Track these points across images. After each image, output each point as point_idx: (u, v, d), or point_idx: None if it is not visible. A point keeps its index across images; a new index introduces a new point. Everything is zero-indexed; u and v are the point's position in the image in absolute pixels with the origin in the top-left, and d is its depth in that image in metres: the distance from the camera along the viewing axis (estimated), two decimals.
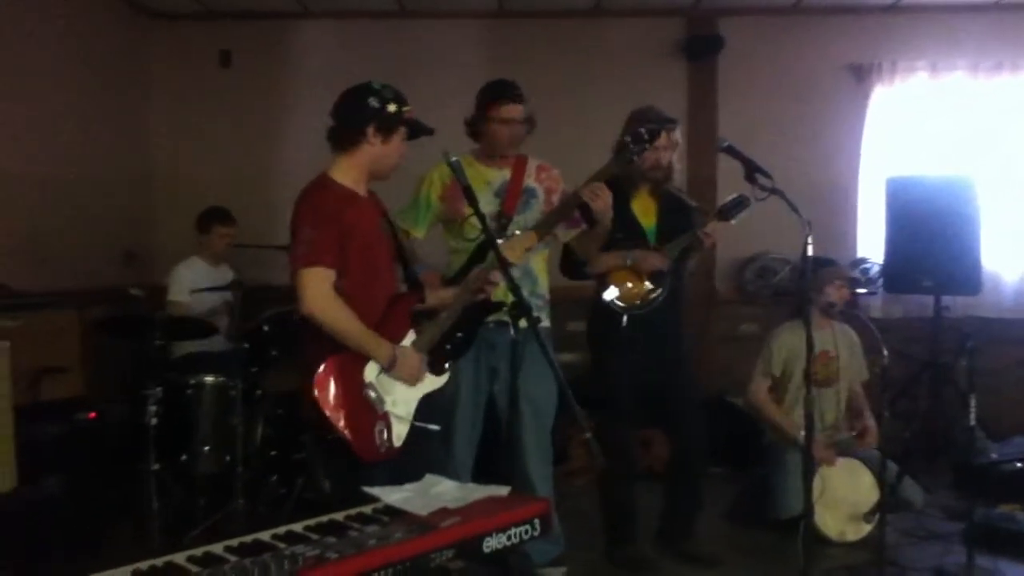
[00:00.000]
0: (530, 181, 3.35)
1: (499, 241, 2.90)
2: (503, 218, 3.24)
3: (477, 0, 5.63)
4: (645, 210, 3.70)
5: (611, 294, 3.59)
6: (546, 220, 3.19)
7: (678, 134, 3.66)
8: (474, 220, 3.13)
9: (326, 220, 2.56)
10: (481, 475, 3.16)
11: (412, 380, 2.68)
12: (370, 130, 2.63)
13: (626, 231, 3.59)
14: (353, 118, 2.64)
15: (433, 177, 3.29)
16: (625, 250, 3.57)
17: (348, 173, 2.67)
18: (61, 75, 4.85)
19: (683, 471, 3.79)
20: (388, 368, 2.62)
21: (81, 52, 5.05)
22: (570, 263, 3.66)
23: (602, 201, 3.09)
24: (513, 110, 3.26)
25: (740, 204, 3.50)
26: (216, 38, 5.88)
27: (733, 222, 3.57)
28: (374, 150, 2.65)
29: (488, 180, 3.26)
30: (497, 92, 3.27)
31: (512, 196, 3.27)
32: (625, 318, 3.57)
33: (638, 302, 3.58)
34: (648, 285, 3.58)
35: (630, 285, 3.59)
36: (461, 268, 3.12)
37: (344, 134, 2.66)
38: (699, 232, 3.55)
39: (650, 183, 3.67)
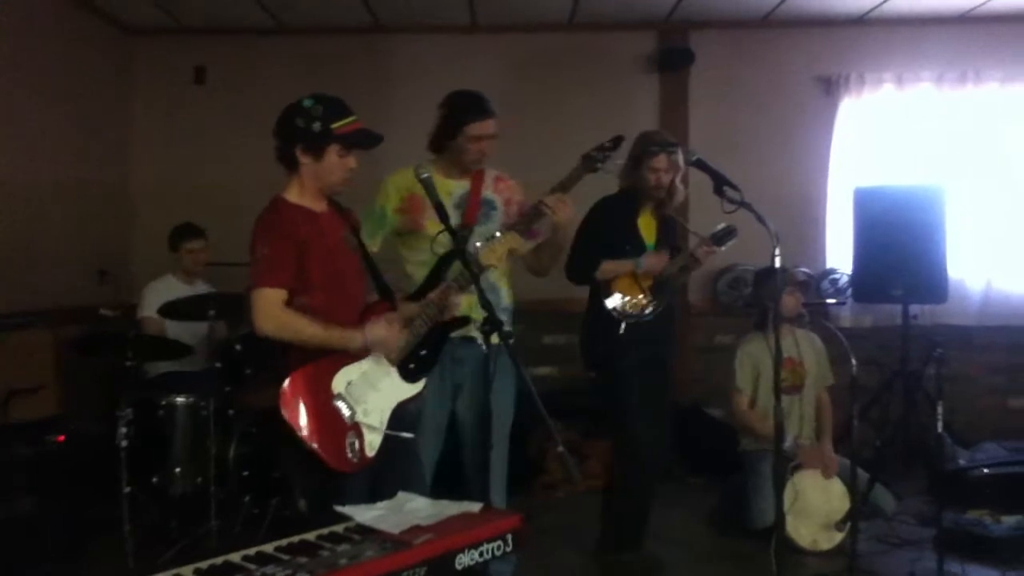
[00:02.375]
0: (488, 192, 3.32)
1: (478, 244, 2.89)
2: (465, 229, 3.19)
3: (451, 14, 5.66)
4: (648, 228, 3.82)
5: (614, 302, 3.68)
6: (512, 228, 3.11)
7: (680, 158, 3.69)
8: (441, 236, 3.16)
9: (278, 238, 2.56)
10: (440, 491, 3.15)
11: (394, 347, 2.67)
12: (298, 150, 2.60)
13: (632, 245, 3.73)
14: (283, 138, 2.62)
15: (389, 189, 3.24)
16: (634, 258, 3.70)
17: (300, 192, 2.66)
18: (35, 92, 4.82)
19: (635, 478, 3.81)
20: (369, 349, 2.61)
21: (56, 69, 5.03)
22: (579, 268, 3.73)
23: (564, 212, 3.08)
24: (487, 126, 3.19)
25: (730, 233, 3.63)
26: (191, 54, 5.89)
27: (723, 249, 3.69)
28: (309, 169, 2.62)
29: (448, 192, 3.20)
30: (473, 109, 3.18)
31: (472, 208, 3.24)
32: (623, 325, 3.66)
33: (637, 312, 3.69)
34: (648, 296, 3.70)
35: (629, 294, 3.70)
36: (425, 281, 3.06)
37: (280, 155, 2.65)
38: (696, 253, 3.71)
39: (652, 202, 3.77)
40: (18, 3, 4.67)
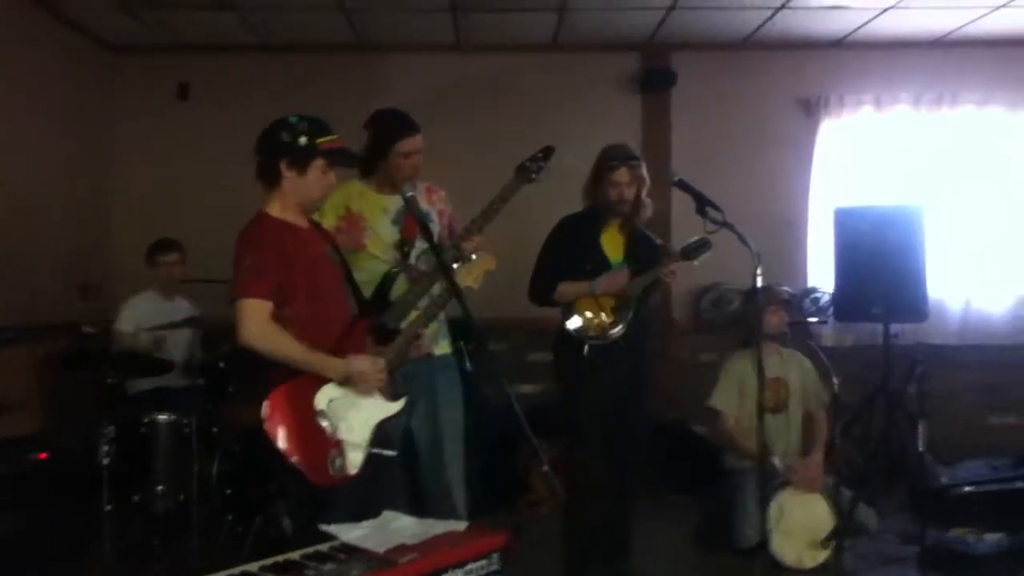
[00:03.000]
0: (423, 204, 3.29)
1: (456, 265, 2.90)
2: (406, 244, 3.21)
3: (435, 33, 5.69)
4: (614, 244, 3.76)
5: (574, 323, 3.64)
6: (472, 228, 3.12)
7: (643, 170, 3.69)
8: (377, 250, 3.18)
9: (263, 250, 2.57)
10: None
11: (373, 386, 2.67)
12: (283, 165, 2.63)
13: (594, 263, 3.68)
14: (267, 153, 2.65)
15: (325, 209, 3.15)
16: (590, 279, 3.64)
17: (281, 208, 2.67)
18: (18, 108, 4.80)
19: (619, 493, 3.81)
20: (345, 382, 2.61)
21: (41, 84, 5.01)
22: (537, 290, 3.72)
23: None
24: (416, 142, 3.20)
25: (703, 246, 3.58)
26: (174, 71, 5.87)
27: (696, 263, 3.65)
28: (291, 184, 2.65)
29: (384, 207, 3.20)
30: (400, 127, 3.19)
31: (411, 222, 3.18)
32: (586, 347, 3.62)
33: (599, 333, 3.63)
34: (611, 317, 3.64)
35: (591, 315, 3.65)
36: (372, 298, 3.03)
37: (262, 170, 2.67)
38: (662, 271, 3.63)
39: (618, 218, 3.73)
40: (3, 20, 4.66)
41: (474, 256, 2.92)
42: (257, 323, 2.53)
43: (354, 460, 2.63)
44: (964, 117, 5.79)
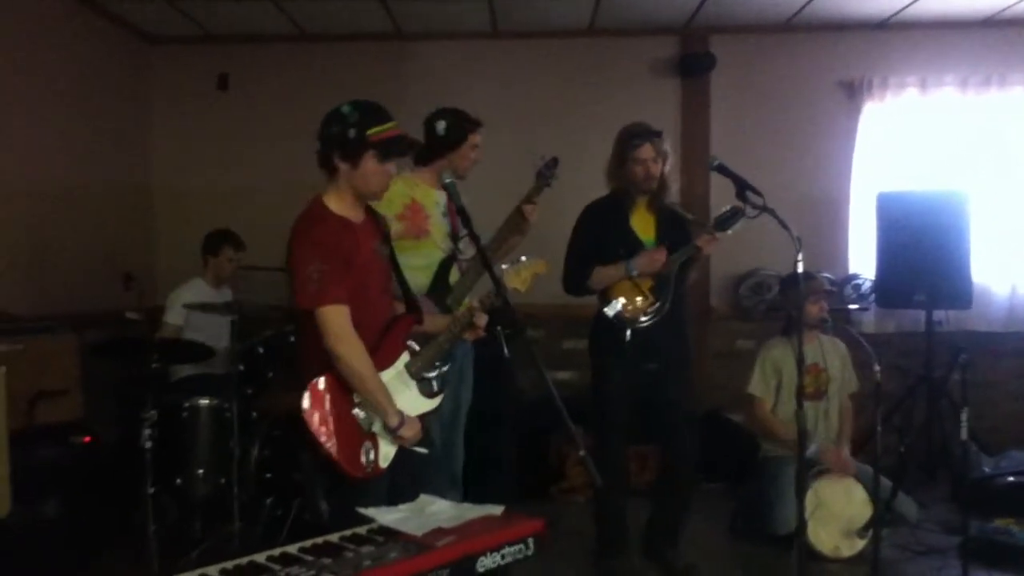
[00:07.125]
0: (466, 200, 3.42)
1: (504, 267, 2.90)
2: (454, 236, 3.36)
3: (472, 21, 5.68)
4: (644, 225, 3.71)
5: (613, 309, 3.56)
6: (499, 238, 3.34)
7: (666, 146, 3.64)
8: (437, 238, 3.24)
9: (331, 254, 2.54)
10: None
11: (408, 444, 2.68)
12: (335, 157, 2.60)
13: (627, 247, 3.64)
14: (323, 145, 2.62)
15: (391, 197, 3.15)
16: (625, 261, 3.61)
17: (338, 199, 2.65)
18: (61, 99, 4.90)
19: (671, 483, 3.80)
20: (395, 430, 2.60)
21: (81, 77, 5.10)
22: (572, 280, 3.70)
23: (533, 219, 3.48)
24: (480, 136, 3.52)
25: (735, 215, 3.48)
26: (214, 62, 5.94)
27: (729, 232, 3.55)
28: (346, 176, 2.61)
29: (435, 200, 3.30)
30: (473, 121, 3.51)
31: (454, 215, 3.39)
32: (628, 332, 3.57)
33: (642, 317, 3.59)
34: (650, 298, 3.60)
35: (630, 298, 3.59)
36: (432, 284, 3.21)
37: (320, 161, 2.65)
38: (697, 243, 3.56)
39: (646, 196, 3.68)
40: (44, 14, 4.75)
41: (523, 258, 2.92)
42: (346, 331, 2.52)
43: (387, 454, 2.64)
44: (1013, 100, 5.63)
